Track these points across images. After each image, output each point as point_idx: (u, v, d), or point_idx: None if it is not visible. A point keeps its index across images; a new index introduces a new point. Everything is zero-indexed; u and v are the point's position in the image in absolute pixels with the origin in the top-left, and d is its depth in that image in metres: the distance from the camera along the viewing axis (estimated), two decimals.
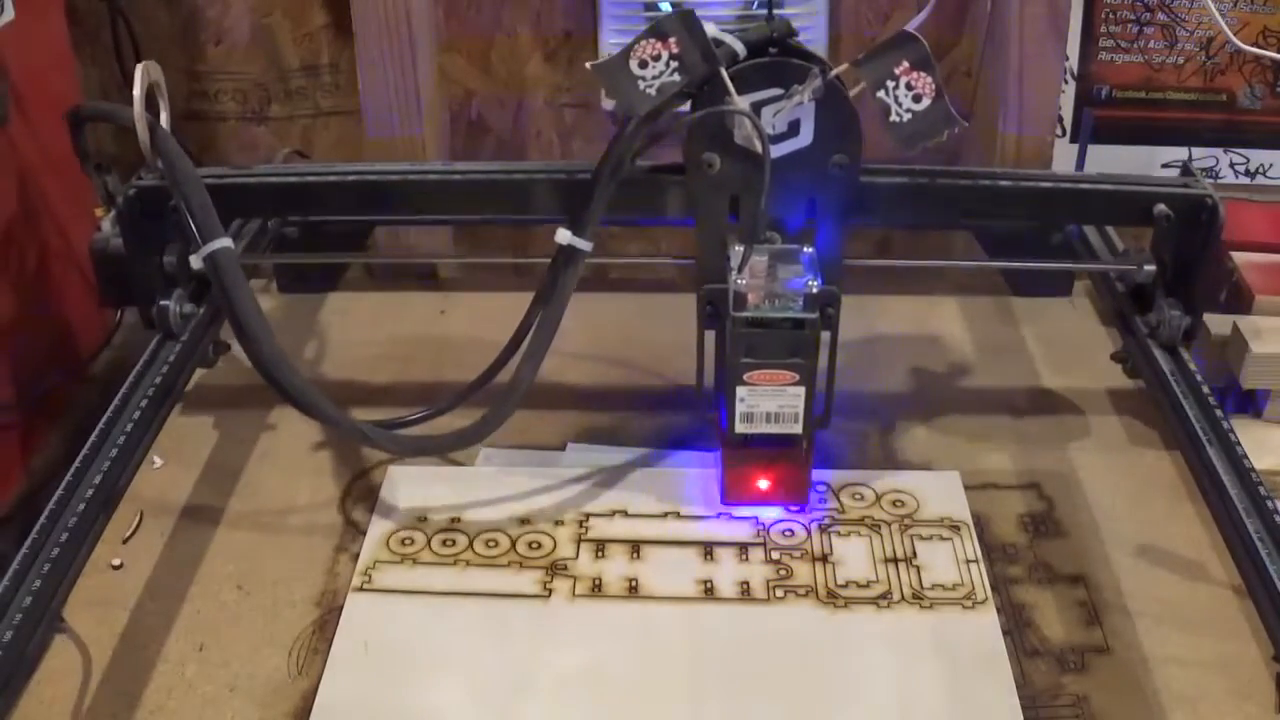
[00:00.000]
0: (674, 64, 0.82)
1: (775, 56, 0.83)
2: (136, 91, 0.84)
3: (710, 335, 0.90)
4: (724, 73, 0.81)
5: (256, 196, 1.02)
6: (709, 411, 0.92)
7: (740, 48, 0.82)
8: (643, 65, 0.82)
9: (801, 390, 0.85)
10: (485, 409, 0.89)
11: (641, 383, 1.09)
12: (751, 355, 0.84)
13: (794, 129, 0.85)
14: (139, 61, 0.87)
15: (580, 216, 0.85)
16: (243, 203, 1.03)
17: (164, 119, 0.88)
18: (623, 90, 0.82)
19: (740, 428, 0.86)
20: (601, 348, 1.13)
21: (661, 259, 1.24)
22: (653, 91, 0.82)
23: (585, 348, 1.13)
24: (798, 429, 0.86)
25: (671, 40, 0.81)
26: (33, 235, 1.10)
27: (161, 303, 1.00)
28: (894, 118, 0.83)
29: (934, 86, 0.82)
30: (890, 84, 0.82)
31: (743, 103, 0.81)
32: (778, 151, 0.84)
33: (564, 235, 0.85)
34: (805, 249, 0.86)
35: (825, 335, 0.86)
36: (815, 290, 0.83)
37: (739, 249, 0.84)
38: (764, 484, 0.91)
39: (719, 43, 0.82)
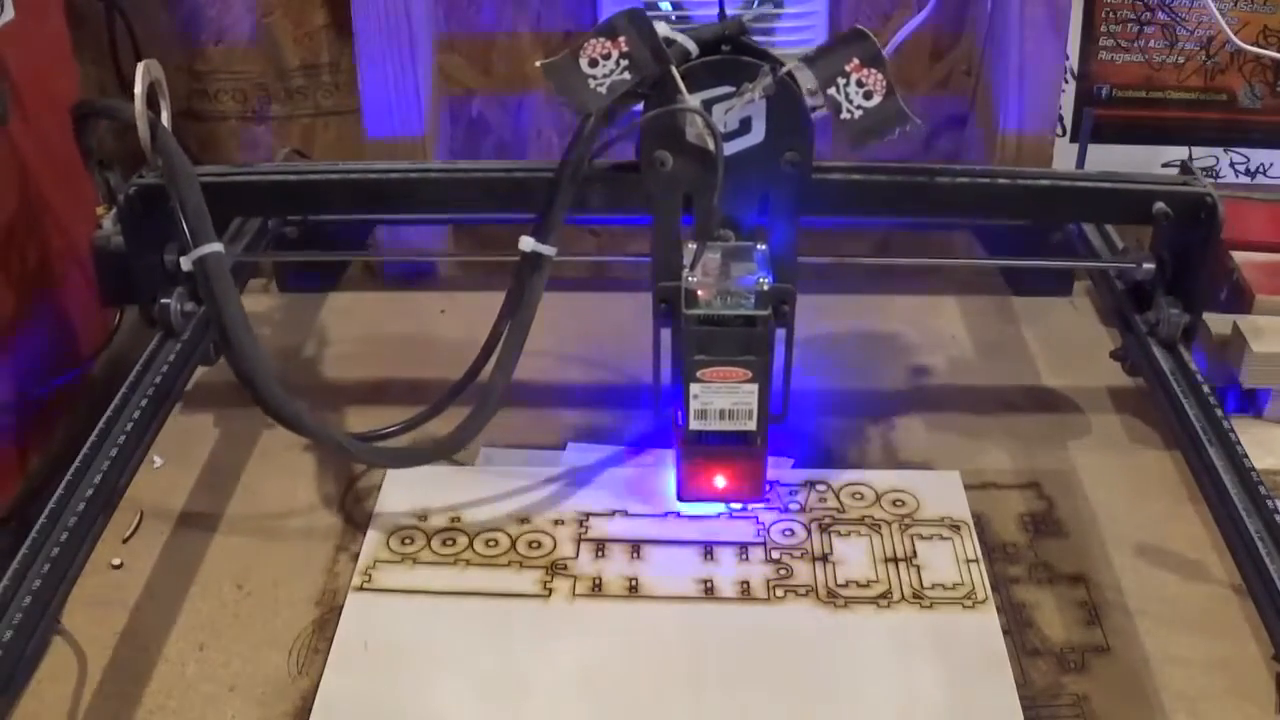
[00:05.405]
0: (624, 62, 0.81)
1: (726, 54, 0.82)
2: (138, 89, 0.85)
3: (666, 333, 0.89)
4: (675, 71, 0.81)
5: (256, 195, 1.02)
6: (666, 409, 0.92)
7: (692, 46, 0.82)
8: (593, 64, 0.81)
9: (755, 387, 0.85)
10: (465, 415, 0.88)
11: (642, 381, 1.09)
12: (704, 353, 0.84)
13: (746, 126, 0.84)
14: (139, 61, 0.87)
15: (542, 222, 0.85)
16: (243, 201, 1.03)
17: (165, 117, 0.89)
18: (573, 89, 0.82)
19: (695, 425, 0.86)
20: (601, 347, 1.13)
21: (617, 257, 1.23)
22: (603, 90, 0.82)
23: (585, 347, 1.13)
24: (751, 426, 0.86)
25: (621, 39, 0.81)
26: (33, 235, 1.10)
27: (162, 300, 1.00)
28: (845, 115, 0.82)
29: (885, 83, 0.82)
30: (841, 81, 0.82)
31: (694, 100, 0.81)
32: (730, 149, 0.83)
33: (527, 243, 0.85)
34: (759, 246, 0.86)
35: (784, 332, 0.86)
36: (767, 288, 0.83)
37: (692, 246, 0.84)
38: (720, 481, 0.91)
39: (670, 41, 0.81)
